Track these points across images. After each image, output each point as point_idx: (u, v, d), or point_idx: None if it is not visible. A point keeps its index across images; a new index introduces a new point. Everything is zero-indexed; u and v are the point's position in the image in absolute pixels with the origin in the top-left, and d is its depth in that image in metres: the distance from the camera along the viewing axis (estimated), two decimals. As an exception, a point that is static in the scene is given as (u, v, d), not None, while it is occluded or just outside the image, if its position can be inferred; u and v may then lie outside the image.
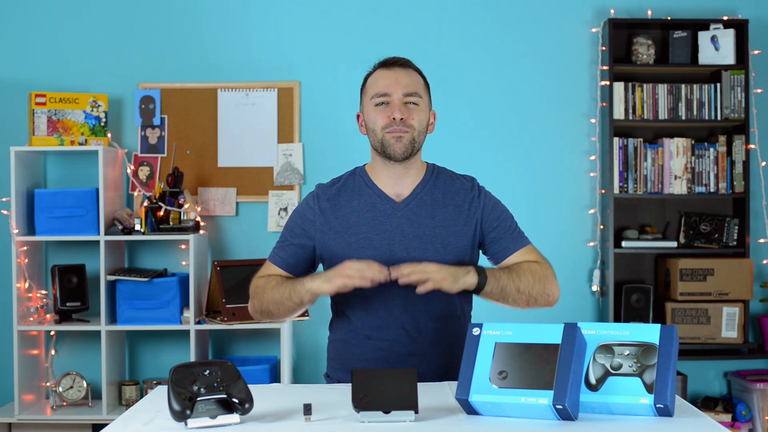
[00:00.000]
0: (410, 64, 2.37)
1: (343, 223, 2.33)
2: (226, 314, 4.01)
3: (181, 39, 4.38)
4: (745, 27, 4.25)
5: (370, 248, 2.29)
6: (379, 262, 2.22)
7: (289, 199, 4.35)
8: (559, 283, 2.37)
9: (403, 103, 2.30)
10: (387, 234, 2.30)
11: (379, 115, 2.30)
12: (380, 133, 2.30)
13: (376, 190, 2.35)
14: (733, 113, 4.24)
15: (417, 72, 2.37)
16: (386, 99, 2.30)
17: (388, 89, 2.30)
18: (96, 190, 4.08)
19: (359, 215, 2.33)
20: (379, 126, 2.30)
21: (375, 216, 2.32)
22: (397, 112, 2.28)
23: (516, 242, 2.39)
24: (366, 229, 2.31)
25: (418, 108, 2.32)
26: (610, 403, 1.79)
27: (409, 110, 2.30)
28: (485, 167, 4.27)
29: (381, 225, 2.31)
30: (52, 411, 4.07)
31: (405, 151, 2.30)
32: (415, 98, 2.31)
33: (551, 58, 4.40)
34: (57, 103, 4.15)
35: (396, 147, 2.29)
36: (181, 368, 1.80)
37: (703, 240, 4.29)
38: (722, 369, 4.42)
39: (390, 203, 2.33)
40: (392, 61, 2.35)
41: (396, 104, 2.29)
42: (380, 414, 1.77)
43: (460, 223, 2.33)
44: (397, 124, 2.28)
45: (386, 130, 2.29)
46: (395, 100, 2.29)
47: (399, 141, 2.29)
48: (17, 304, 4.03)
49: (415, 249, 2.29)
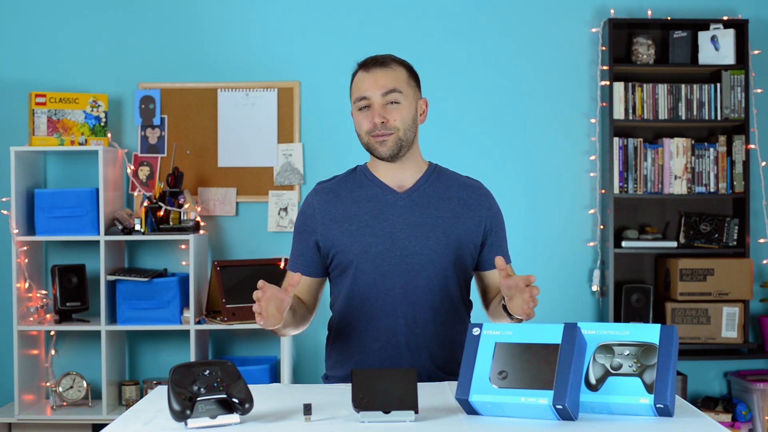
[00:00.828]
0: (389, 60, 2.33)
1: (344, 213, 2.33)
2: (226, 314, 4.01)
3: (181, 39, 4.38)
4: (745, 27, 4.25)
5: (371, 236, 2.29)
6: (381, 250, 2.27)
7: (289, 199, 4.35)
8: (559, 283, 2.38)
9: (384, 104, 2.28)
10: (389, 222, 2.30)
11: (362, 119, 2.30)
12: (365, 137, 2.31)
13: (378, 182, 2.35)
14: (733, 113, 4.24)
15: (399, 64, 2.33)
16: (367, 102, 2.29)
17: (366, 92, 2.28)
18: (96, 190, 4.08)
19: (360, 205, 2.33)
20: (364, 130, 2.30)
21: (377, 206, 2.32)
22: (377, 117, 2.26)
23: (506, 257, 2.42)
24: (368, 218, 2.31)
25: (399, 106, 2.29)
26: (610, 403, 1.79)
27: (389, 111, 2.28)
28: (485, 167, 4.27)
29: (383, 214, 2.31)
30: (52, 411, 4.07)
31: (391, 152, 2.29)
32: (394, 95, 2.28)
33: (551, 58, 4.40)
34: (57, 103, 4.15)
35: (381, 150, 2.29)
36: (181, 368, 1.80)
37: (703, 240, 4.29)
38: (722, 369, 4.42)
39: (392, 194, 2.33)
40: (370, 62, 2.33)
41: (376, 108, 2.27)
42: (380, 414, 1.77)
43: (465, 216, 2.33)
44: (379, 128, 2.27)
45: (370, 134, 2.29)
46: (375, 103, 2.28)
47: (383, 144, 2.28)
48: (17, 304, 4.03)
49: (417, 237, 2.29)
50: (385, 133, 2.28)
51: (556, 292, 4.34)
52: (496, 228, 2.38)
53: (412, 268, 2.29)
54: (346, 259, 2.31)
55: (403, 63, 2.36)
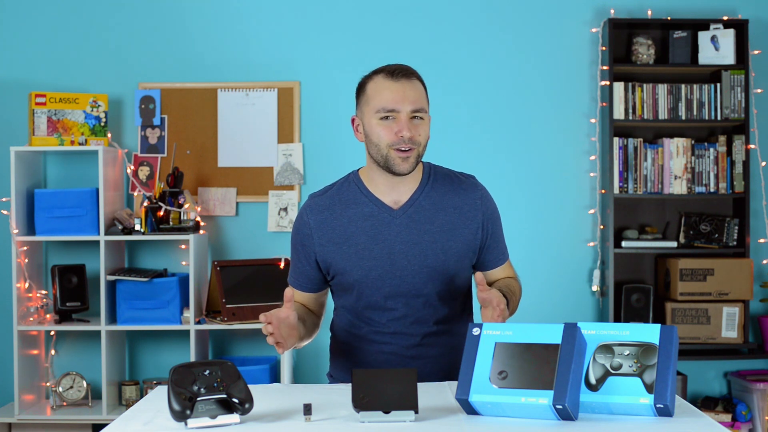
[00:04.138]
0: (414, 74, 2.26)
1: (341, 234, 2.29)
2: (226, 314, 4.01)
3: (181, 39, 4.38)
4: (745, 27, 4.25)
5: (370, 259, 2.27)
6: (381, 273, 2.25)
7: (289, 199, 4.35)
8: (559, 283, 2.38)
9: (410, 118, 2.21)
10: (386, 243, 2.27)
11: (384, 130, 2.21)
12: (385, 149, 2.21)
13: (372, 198, 2.30)
14: (733, 113, 4.24)
15: (419, 81, 2.27)
16: (393, 114, 2.21)
17: (396, 105, 2.19)
18: (96, 190, 4.08)
19: (357, 225, 2.28)
20: (385, 142, 2.21)
21: (373, 225, 2.28)
22: (405, 131, 2.19)
23: (504, 255, 2.41)
24: (365, 240, 2.27)
25: (423, 122, 2.23)
26: (610, 403, 1.79)
27: (415, 126, 2.21)
28: (485, 167, 4.27)
29: (380, 234, 2.27)
30: (52, 411, 4.07)
31: (410, 168, 2.23)
32: (421, 113, 2.23)
33: (551, 58, 4.40)
34: (57, 103, 4.15)
35: (402, 166, 2.22)
36: (181, 368, 1.80)
37: (703, 240, 4.29)
38: (722, 369, 4.42)
39: (387, 211, 2.28)
40: (397, 71, 2.23)
41: (404, 121, 2.20)
42: (380, 414, 1.77)
43: (461, 226, 2.30)
44: (405, 142, 2.19)
45: (393, 147, 2.20)
46: (403, 117, 2.20)
47: (406, 161, 2.21)
48: (17, 304, 4.03)
49: (415, 256, 2.27)
50: (411, 148, 2.21)
51: (556, 292, 4.35)
52: (492, 228, 2.35)
53: (413, 287, 2.28)
54: (346, 282, 2.30)
55: (421, 79, 2.29)
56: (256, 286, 4.11)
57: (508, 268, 2.43)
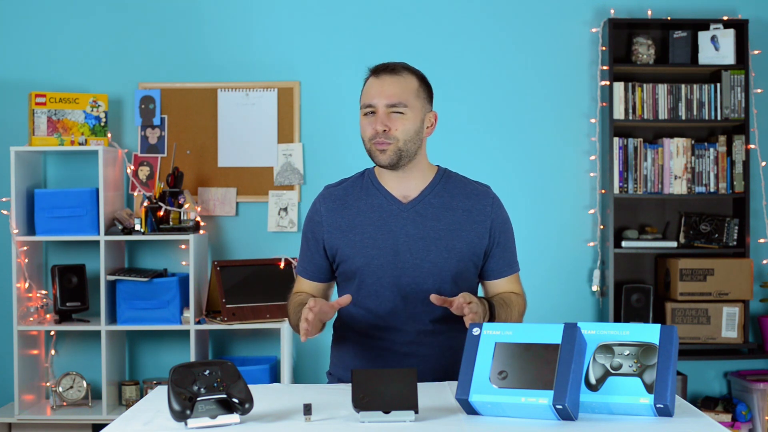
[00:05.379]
0: (401, 69, 2.31)
1: (349, 222, 2.34)
2: (226, 314, 4.01)
3: (181, 39, 4.38)
4: (745, 27, 4.25)
5: (374, 248, 2.31)
6: (383, 262, 2.29)
7: (289, 199, 4.35)
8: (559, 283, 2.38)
9: (388, 113, 2.27)
10: (392, 234, 2.31)
11: (366, 125, 2.30)
12: (368, 143, 2.31)
13: (383, 191, 2.36)
14: (733, 113, 4.24)
15: (411, 73, 2.32)
16: (373, 109, 2.28)
17: (372, 100, 2.28)
18: (96, 190, 4.08)
19: (365, 215, 2.34)
20: (366, 136, 2.30)
21: (381, 216, 2.33)
22: (379, 125, 2.26)
23: (511, 267, 2.41)
24: (371, 229, 2.32)
25: (403, 117, 2.28)
26: (610, 403, 1.79)
27: (393, 120, 2.27)
28: (485, 167, 4.27)
29: (386, 225, 2.32)
30: (52, 411, 4.07)
31: (390, 161, 2.29)
32: (399, 108, 2.27)
33: (551, 58, 4.40)
34: (57, 103, 4.15)
35: (381, 158, 2.29)
36: (181, 368, 1.80)
37: (703, 240, 4.29)
38: (722, 369, 4.42)
39: (396, 204, 2.34)
40: (382, 68, 2.31)
41: (380, 116, 2.27)
42: (380, 414, 1.78)
43: (467, 227, 2.33)
44: (380, 136, 2.27)
45: (372, 141, 2.29)
46: (379, 110, 2.27)
47: (383, 153, 2.28)
48: (17, 304, 4.03)
49: (419, 250, 2.30)
50: (385, 142, 2.27)
51: (556, 292, 4.35)
52: (501, 237, 2.37)
53: (414, 281, 2.30)
54: (349, 269, 2.34)
55: (416, 73, 2.34)
56: (256, 286, 4.12)
57: (515, 283, 2.42)
